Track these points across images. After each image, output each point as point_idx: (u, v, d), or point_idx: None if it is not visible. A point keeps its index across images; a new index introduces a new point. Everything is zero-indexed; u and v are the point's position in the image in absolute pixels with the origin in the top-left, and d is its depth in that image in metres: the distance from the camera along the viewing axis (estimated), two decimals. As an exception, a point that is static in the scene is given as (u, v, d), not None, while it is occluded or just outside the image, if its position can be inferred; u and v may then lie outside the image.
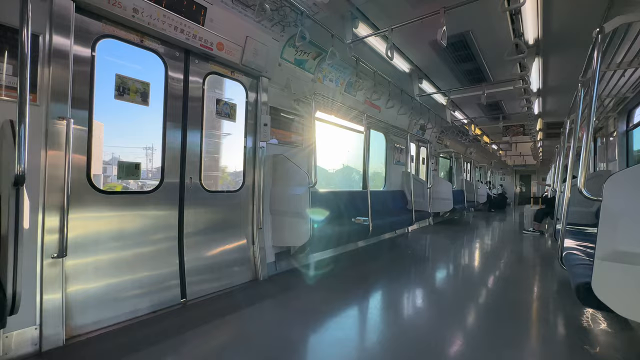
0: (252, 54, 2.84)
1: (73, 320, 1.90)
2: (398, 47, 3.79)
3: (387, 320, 2.29)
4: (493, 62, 4.13)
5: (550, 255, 4.44)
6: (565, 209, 2.54)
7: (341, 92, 4.24)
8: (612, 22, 1.69)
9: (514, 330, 2.13)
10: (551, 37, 3.41)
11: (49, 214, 1.79)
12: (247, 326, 2.12)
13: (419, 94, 4.91)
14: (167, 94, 2.45)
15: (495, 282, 3.21)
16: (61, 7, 1.82)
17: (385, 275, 3.30)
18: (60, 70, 1.84)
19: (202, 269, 2.63)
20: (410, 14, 2.85)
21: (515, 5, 2.24)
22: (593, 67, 1.72)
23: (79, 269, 1.97)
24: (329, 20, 2.96)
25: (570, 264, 2.05)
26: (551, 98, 5.80)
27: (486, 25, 3.23)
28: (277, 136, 3.38)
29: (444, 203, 6.88)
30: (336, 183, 6.41)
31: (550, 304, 2.63)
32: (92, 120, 2.06)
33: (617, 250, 1.37)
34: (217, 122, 3.02)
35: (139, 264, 2.25)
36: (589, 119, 1.77)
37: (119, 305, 2.12)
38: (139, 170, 2.30)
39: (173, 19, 2.29)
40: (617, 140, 4.32)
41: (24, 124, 1.23)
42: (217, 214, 2.80)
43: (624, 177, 1.41)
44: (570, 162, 2.61)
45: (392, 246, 4.89)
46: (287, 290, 2.80)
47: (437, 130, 7.34)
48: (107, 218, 2.11)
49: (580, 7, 2.85)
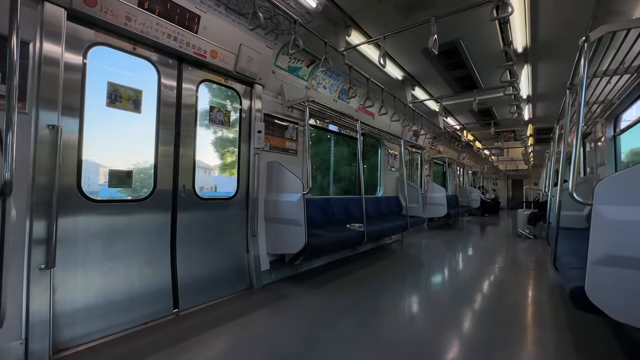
0: (245, 61, 2.85)
1: (61, 333, 1.84)
2: (390, 55, 3.84)
3: (383, 327, 2.27)
4: (483, 69, 4.22)
5: (544, 258, 4.47)
6: (557, 212, 2.57)
7: (335, 99, 4.27)
8: (596, 31, 1.74)
9: (509, 334, 2.12)
10: (539, 45, 3.50)
11: (37, 223, 1.75)
12: (241, 336, 2.08)
13: (411, 101, 4.98)
14: (160, 101, 2.43)
15: (490, 286, 3.22)
16: (52, 15, 1.81)
17: (380, 282, 3.28)
18: (51, 77, 1.81)
19: (195, 278, 2.58)
20: (402, 23, 2.90)
21: (504, 14, 2.29)
22: (580, 74, 1.76)
23: (68, 280, 1.91)
24: (323, 29, 3.00)
25: (564, 268, 2.06)
26: (541, 104, 5.93)
27: (476, 33, 3.30)
28: (271, 143, 3.38)
29: (438, 208, 6.92)
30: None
31: (545, 307, 2.64)
32: (83, 128, 2.03)
33: (609, 254, 1.38)
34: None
35: (130, 273, 2.20)
36: (578, 124, 1.80)
37: (109, 317, 2.06)
38: (130, 178, 2.26)
39: (166, 27, 2.29)
40: (605, 145, 4.41)
41: (11, 132, 1.21)
42: (210, 222, 2.77)
43: (613, 182, 1.43)
44: (561, 167, 2.65)
45: (388, 252, 4.88)
46: (282, 298, 2.76)
47: (430, 136, 7.42)
48: (98, 227, 2.06)
49: (567, 17, 2.94)
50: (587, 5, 2.70)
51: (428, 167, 8.09)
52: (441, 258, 4.66)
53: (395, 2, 2.75)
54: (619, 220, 1.37)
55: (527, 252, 5.09)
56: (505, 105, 5.41)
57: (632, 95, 3.52)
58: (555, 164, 3.92)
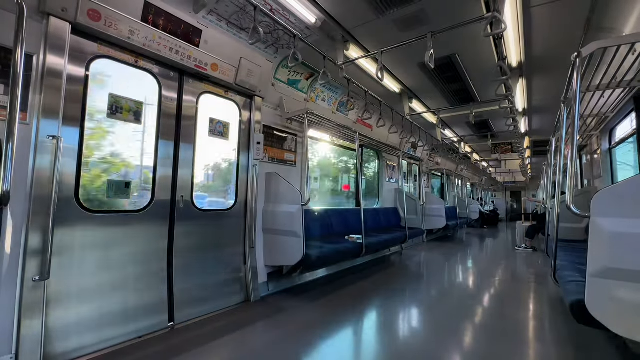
0: (245, 74, 2.90)
1: (52, 347, 1.80)
2: (388, 69, 3.91)
3: (382, 341, 2.23)
4: (479, 82, 4.29)
5: (543, 271, 4.44)
6: (555, 225, 2.57)
7: (333, 112, 4.32)
8: (588, 47, 1.78)
9: (510, 348, 2.08)
10: (533, 60, 3.58)
11: (32, 234, 1.73)
12: (238, 350, 2.03)
13: (409, 113, 5.04)
14: (161, 112, 2.46)
15: (489, 299, 3.18)
16: (57, 29, 1.85)
17: (379, 295, 3.24)
18: (53, 89, 1.84)
19: (191, 291, 2.55)
20: (399, 38, 2.97)
21: (498, 31, 2.35)
22: (573, 88, 1.79)
23: (62, 292, 1.88)
24: (321, 43, 3.06)
25: (564, 281, 2.05)
26: (536, 117, 6.01)
27: (471, 48, 3.38)
28: (270, 154, 3.40)
29: (436, 220, 6.90)
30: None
31: (545, 321, 2.60)
32: (84, 139, 2.04)
33: (608, 267, 1.37)
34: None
35: (125, 286, 2.17)
36: (573, 137, 1.83)
37: (102, 331, 2.02)
38: (129, 189, 2.26)
39: (168, 41, 2.34)
40: (601, 158, 4.45)
41: (11, 143, 1.22)
42: (208, 233, 2.75)
43: (610, 194, 1.44)
44: (558, 179, 2.67)
45: (387, 264, 4.83)
46: (280, 311, 2.72)
47: (428, 148, 7.48)
48: (94, 238, 2.04)
49: (559, 33, 3.02)
50: (578, 22, 2.78)
51: (426, 178, 8.11)
52: (440, 271, 4.62)
53: (393, 18, 2.83)
54: (617, 232, 1.37)
55: (526, 264, 5.05)
56: (501, 118, 5.47)
57: (625, 109, 3.59)
58: (553, 176, 3.95)
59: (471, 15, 2.54)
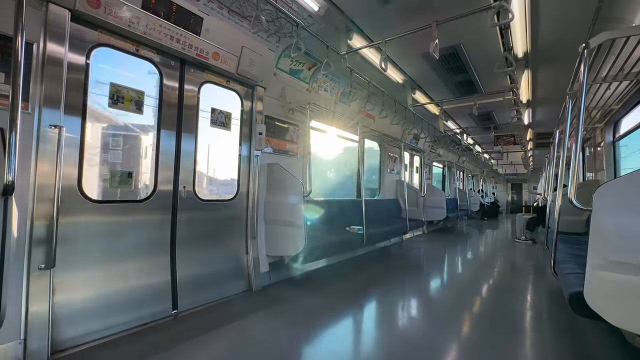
0: (247, 63, 2.87)
1: (59, 333, 1.84)
2: (392, 59, 3.86)
3: (382, 331, 2.27)
4: (484, 74, 4.23)
5: (542, 263, 4.47)
6: (556, 217, 2.57)
7: (336, 102, 4.28)
8: (596, 38, 1.75)
9: (508, 338, 2.12)
10: (539, 51, 3.52)
11: (37, 223, 1.75)
12: (240, 338, 2.08)
13: (412, 104, 4.99)
14: (162, 102, 2.44)
15: (489, 290, 3.22)
16: (57, 16, 1.82)
17: (379, 285, 3.28)
18: (54, 78, 1.82)
19: (194, 280, 2.58)
20: (403, 27, 2.92)
21: (505, 21, 2.31)
22: (580, 80, 1.77)
23: (68, 280, 1.91)
24: (324, 32, 3.01)
25: (563, 273, 2.07)
26: (540, 109, 5.95)
27: (477, 38, 3.32)
28: (272, 145, 3.39)
29: (437, 211, 6.92)
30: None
31: (544, 312, 2.64)
32: (85, 128, 2.03)
33: (609, 260, 1.38)
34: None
35: (129, 274, 2.20)
36: (577, 129, 1.81)
37: (107, 318, 2.06)
38: (131, 179, 2.27)
39: (169, 29, 2.30)
40: (604, 151, 4.42)
41: (14, 132, 1.22)
42: (210, 223, 2.77)
43: (613, 187, 1.43)
44: (561, 172, 2.66)
45: (387, 255, 4.88)
46: (281, 300, 2.76)
47: (430, 139, 7.44)
48: (98, 227, 2.06)
49: (567, 24, 2.96)
50: (587, 12, 2.72)
51: (428, 170, 8.10)
52: (440, 262, 4.66)
53: (397, 7, 2.77)
54: (619, 225, 1.37)
55: (525, 256, 5.09)
56: (505, 110, 5.43)
57: (631, 101, 3.54)
58: (555, 168, 3.94)
59: (477, 4, 2.48)
